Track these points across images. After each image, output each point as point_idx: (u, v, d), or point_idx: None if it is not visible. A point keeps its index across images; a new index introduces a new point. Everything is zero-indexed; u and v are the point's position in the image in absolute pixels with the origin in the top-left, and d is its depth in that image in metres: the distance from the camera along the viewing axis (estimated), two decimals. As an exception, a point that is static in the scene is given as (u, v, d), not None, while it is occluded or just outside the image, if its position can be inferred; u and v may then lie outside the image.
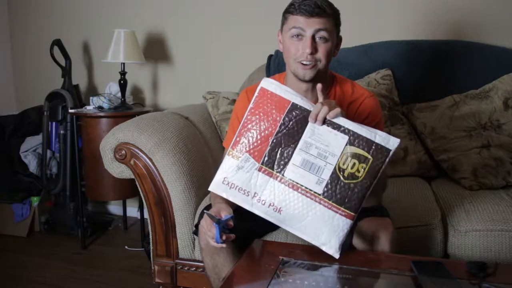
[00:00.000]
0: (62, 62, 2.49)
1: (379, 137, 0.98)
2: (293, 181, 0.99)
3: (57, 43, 2.45)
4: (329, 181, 0.97)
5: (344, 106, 1.25)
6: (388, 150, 0.98)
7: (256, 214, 1.26)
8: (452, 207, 1.49)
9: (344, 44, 1.28)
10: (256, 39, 2.39)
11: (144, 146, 1.52)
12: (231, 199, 1.04)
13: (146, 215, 1.85)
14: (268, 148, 1.00)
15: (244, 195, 1.01)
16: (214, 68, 2.53)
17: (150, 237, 1.60)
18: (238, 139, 1.04)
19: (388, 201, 1.40)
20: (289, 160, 0.99)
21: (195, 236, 1.47)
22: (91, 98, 2.35)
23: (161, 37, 2.61)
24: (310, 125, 1.00)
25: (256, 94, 1.04)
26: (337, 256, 1.00)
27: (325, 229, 0.98)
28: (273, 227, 1.39)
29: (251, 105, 1.04)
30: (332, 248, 0.99)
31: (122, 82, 2.36)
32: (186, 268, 1.57)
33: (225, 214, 1.05)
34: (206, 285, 1.38)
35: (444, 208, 1.50)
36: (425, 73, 1.97)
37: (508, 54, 1.93)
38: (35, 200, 2.54)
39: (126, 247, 2.35)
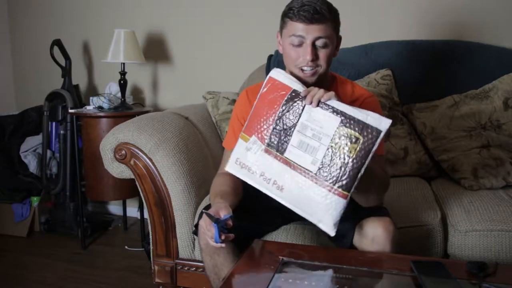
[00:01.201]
0: (62, 62, 2.49)
1: (371, 118, 1.01)
2: (292, 160, 1.05)
3: (57, 43, 2.45)
4: (323, 161, 1.02)
5: None
6: (379, 131, 1.00)
7: (257, 211, 1.27)
8: (452, 207, 1.49)
9: (344, 44, 1.28)
10: (256, 39, 2.39)
11: (144, 146, 1.52)
12: (242, 178, 1.11)
13: (146, 215, 1.85)
14: (271, 131, 1.07)
15: (252, 174, 1.09)
16: (214, 68, 2.53)
17: (150, 237, 1.60)
18: (248, 123, 1.12)
19: (388, 201, 1.40)
20: (288, 141, 1.05)
21: (195, 236, 1.47)
22: (91, 98, 2.35)
23: (161, 37, 2.61)
24: (307, 108, 1.04)
25: (264, 82, 1.12)
26: (332, 233, 1.04)
27: (320, 207, 1.03)
28: (273, 227, 1.39)
29: (260, 92, 1.11)
30: (326, 225, 1.04)
31: (122, 82, 2.36)
32: (186, 268, 1.57)
33: (224, 213, 1.05)
34: (206, 285, 1.37)
35: (444, 208, 1.50)
36: (425, 73, 1.97)
37: (508, 54, 1.93)
38: (35, 200, 2.54)
39: (126, 247, 2.35)
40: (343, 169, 1.00)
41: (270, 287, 0.93)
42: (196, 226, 1.25)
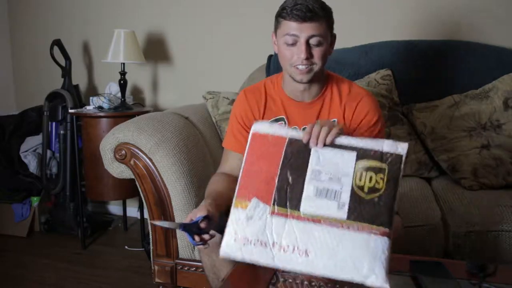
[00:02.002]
0: (62, 62, 2.49)
1: (387, 145, 0.92)
2: (312, 215, 0.89)
3: (57, 43, 2.45)
4: (350, 203, 0.89)
5: (341, 105, 1.26)
6: (400, 156, 0.91)
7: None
8: (452, 207, 1.49)
9: (344, 44, 1.28)
10: (256, 39, 2.39)
11: (144, 146, 1.52)
12: (247, 259, 0.90)
13: (146, 215, 1.85)
14: (276, 186, 0.92)
15: (262, 247, 0.88)
16: (214, 68, 2.53)
17: (150, 237, 1.60)
18: (241, 186, 0.95)
19: (388, 201, 1.40)
20: (301, 193, 0.91)
21: (195, 236, 1.47)
22: (91, 98, 2.35)
23: (161, 37, 2.61)
24: (313, 151, 0.93)
25: (249, 139, 0.99)
26: (387, 286, 0.84)
27: (364, 257, 0.85)
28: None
29: (247, 151, 0.98)
30: (379, 278, 0.84)
31: (122, 82, 2.36)
32: (186, 268, 1.57)
33: (199, 215, 1.01)
34: (206, 285, 1.37)
35: (444, 208, 1.50)
36: (425, 73, 1.97)
37: (508, 54, 1.93)
38: (35, 200, 2.54)
39: (126, 247, 2.35)
40: (376, 204, 0.89)
41: (270, 287, 0.93)
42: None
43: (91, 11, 2.73)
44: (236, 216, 0.92)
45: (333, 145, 0.94)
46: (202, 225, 0.99)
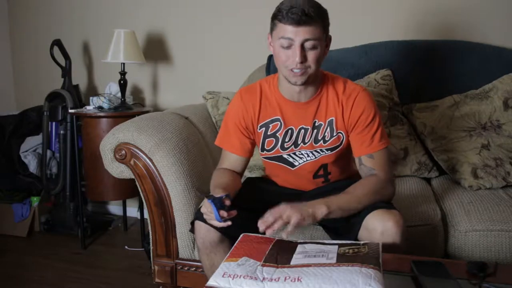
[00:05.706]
0: (62, 62, 2.49)
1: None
2: (302, 264, 0.94)
3: (57, 43, 2.46)
4: (338, 257, 0.97)
5: (339, 104, 1.27)
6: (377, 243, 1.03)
7: (258, 211, 1.25)
8: (452, 207, 1.49)
9: (344, 44, 1.28)
10: (256, 39, 2.38)
11: (144, 146, 1.52)
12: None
13: (146, 215, 1.85)
14: (266, 254, 1.00)
15: (252, 280, 0.90)
16: (214, 68, 2.53)
17: (150, 237, 1.60)
18: (232, 251, 1.02)
19: (388, 201, 1.40)
20: (291, 258, 0.98)
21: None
22: (91, 98, 2.35)
23: (161, 37, 2.61)
24: (299, 247, 1.04)
25: (238, 241, 1.07)
26: None
27: (358, 276, 0.87)
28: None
29: (231, 251, 1.03)
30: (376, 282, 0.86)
31: (122, 82, 2.36)
32: (186, 268, 1.57)
33: (221, 194, 1.09)
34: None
35: (444, 208, 1.50)
36: (425, 73, 1.97)
37: (508, 54, 1.93)
38: (35, 200, 2.54)
39: (126, 247, 2.35)
40: (361, 256, 0.96)
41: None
42: (192, 224, 1.25)
43: (91, 11, 2.73)
44: (226, 265, 0.95)
45: (316, 243, 1.06)
46: (227, 202, 1.07)
